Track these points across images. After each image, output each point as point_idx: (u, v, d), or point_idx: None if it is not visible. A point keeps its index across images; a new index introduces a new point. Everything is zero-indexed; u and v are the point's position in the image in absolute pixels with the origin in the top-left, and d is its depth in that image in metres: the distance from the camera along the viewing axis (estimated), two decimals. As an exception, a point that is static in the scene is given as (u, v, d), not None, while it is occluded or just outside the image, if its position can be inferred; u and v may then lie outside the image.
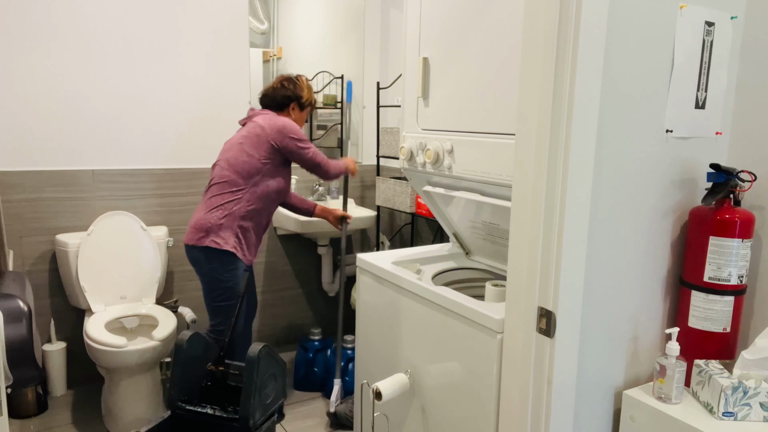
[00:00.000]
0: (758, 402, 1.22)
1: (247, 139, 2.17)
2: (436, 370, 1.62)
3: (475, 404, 1.47)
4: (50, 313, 2.63)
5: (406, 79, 1.87)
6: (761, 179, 1.36)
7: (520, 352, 1.25)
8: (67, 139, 2.55)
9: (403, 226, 3.24)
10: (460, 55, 1.65)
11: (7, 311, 1.33)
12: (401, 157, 1.90)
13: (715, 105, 1.37)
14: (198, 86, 2.79)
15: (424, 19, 1.77)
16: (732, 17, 1.34)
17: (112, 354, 2.18)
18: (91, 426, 2.43)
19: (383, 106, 3.11)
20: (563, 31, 1.10)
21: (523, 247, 1.22)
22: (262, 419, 1.82)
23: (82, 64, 2.53)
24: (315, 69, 3.13)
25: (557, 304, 1.17)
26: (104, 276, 2.51)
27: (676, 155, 1.34)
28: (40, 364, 1.54)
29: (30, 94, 2.45)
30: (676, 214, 1.38)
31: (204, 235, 2.12)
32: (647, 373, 1.41)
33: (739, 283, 1.30)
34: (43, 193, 2.53)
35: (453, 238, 2.09)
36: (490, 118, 1.57)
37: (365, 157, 3.38)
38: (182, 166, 2.81)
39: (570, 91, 1.10)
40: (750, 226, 1.28)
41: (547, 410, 1.22)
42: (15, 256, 2.51)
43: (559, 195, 1.14)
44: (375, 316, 1.91)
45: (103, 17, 2.54)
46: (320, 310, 3.35)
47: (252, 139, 2.16)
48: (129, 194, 2.71)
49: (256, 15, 2.93)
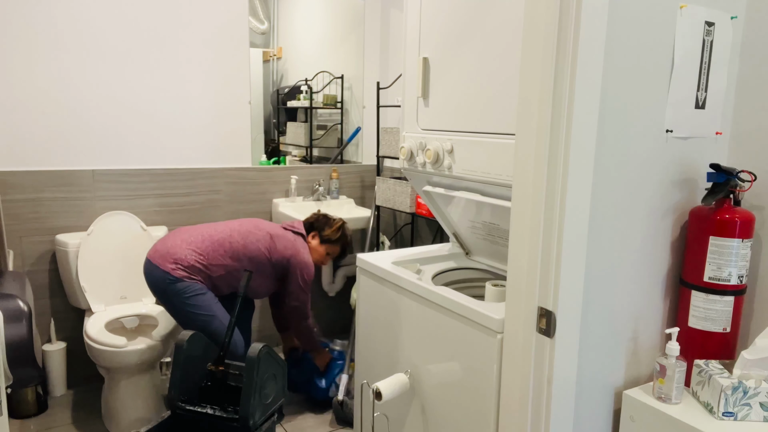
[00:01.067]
0: (758, 402, 1.22)
1: (276, 243, 2.28)
2: (436, 370, 1.62)
3: (475, 404, 1.47)
4: (50, 313, 2.63)
5: (406, 79, 1.87)
6: (761, 179, 1.36)
7: (520, 352, 1.25)
8: (67, 139, 2.55)
9: (403, 226, 3.24)
10: (460, 55, 1.65)
11: (7, 311, 1.33)
12: (401, 157, 1.90)
13: (715, 105, 1.37)
14: (198, 86, 2.79)
15: (424, 19, 1.77)
16: (732, 17, 1.34)
17: (112, 354, 2.18)
18: (91, 426, 2.43)
19: (383, 106, 3.11)
20: (563, 31, 1.10)
21: (523, 247, 1.22)
22: (262, 419, 1.82)
23: (81, 64, 2.53)
24: (315, 69, 3.13)
25: (557, 304, 1.17)
26: (104, 276, 2.51)
27: (676, 155, 1.34)
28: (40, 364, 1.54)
29: (30, 94, 2.45)
30: (676, 214, 1.38)
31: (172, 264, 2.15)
32: (647, 373, 1.41)
33: (739, 283, 1.30)
34: (43, 193, 2.53)
35: (453, 238, 2.09)
36: (490, 118, 1.57)
37: (365, 157, 3.38)
38: (182, 166, 2.81)
39: (570, 91, 1.10)
40: (750, 226, 1.28)
41: (547, 410, 1.22)
42: (15, 256, 2.51)
43: (559, 195, 1.14)
44: (375, 316, 1.91)
45: (103, 18, 2.54)
46: (321, 310, 3.35)
47: (279, 250, 2.28)
48: (129, 194, 2.71)
49: (256, 15, 2.93)
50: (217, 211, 2.92)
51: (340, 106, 3.25)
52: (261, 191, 3.03)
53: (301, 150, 3.19)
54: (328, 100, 3.21)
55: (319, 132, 3.22)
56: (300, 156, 3.19)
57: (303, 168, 3.15)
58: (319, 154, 3.25)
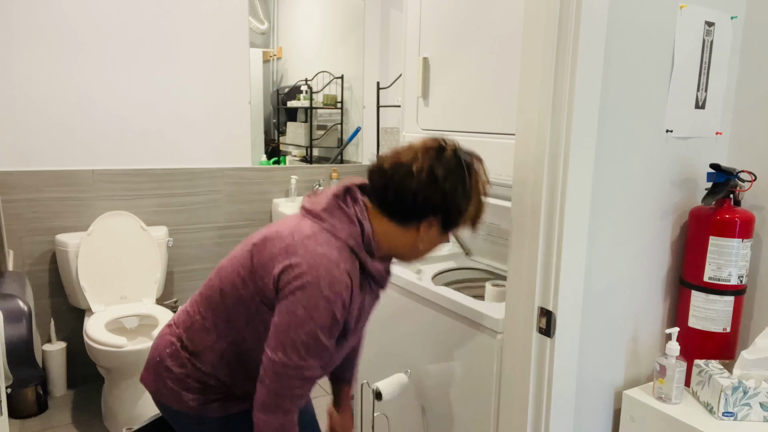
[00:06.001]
0: (758, 402, 1.22)
1: (262, 250, 1.17)
2: (436, 370, 1.62)
3: (475, 404, 1.47)
4: (50, 313, 2.63)
5: (406, 79, 1.87)
6: (761, 179, 1.36)
7: (520, 352, 1.25)
8: (67, 139, 2.55)
9: (403, 226, 3.24)
10: (460, 55, 1.65)
11: (7, 311, 1.33)
12: (401, 157, 1.90)
13: (715, 105, 1.37)
14: (198, 86, 2.79)
15: (424, 19, 1.77)
16: (732, 17, 1.34)
17: (112, 354, 2.18)
18: (91, 426, 2.43)
19: (383, 106, 3.11)
20: (563, 31, 1.10)
21: (523, 247, 1.22)
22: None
23: (82, 65, 2.53)
24: (315, 69, 3.13)
25: (557, 304, 1.17)
26: (104, 276, 2.51)
27: (676, 155, 1.34)
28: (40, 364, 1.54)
29: (30, 94, 2.45)
30: (676, 214, 1.38)
31: None
32: (647, 373, 1.41)
33: (739, 283, 1.30)
34: (43, 193, 2.53)
35: (453, 238, 2.09)
36: (490, 118, 1.57)
37: (365, 157, 3.38)
38: (182, 166, 2.81)
39: (570, 91, 1.10)
40: (750, 226, 1.28)
41: (547, 410, 1.22)
42: (15, 256, 2.51)
43: (559, 195, 1.14)
44: (375, 316, 1.91)
45: (103, 18, 2.54)
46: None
47: (261, 262, 1.15)
48: (129, 194, 2.70)
49: (256, 15, 2.93)
50: (217, 211, 2.92)
51: (340, 106, 3.25)
52: (261, 191, 3.03)
53: (301, 150, 3.19)
54: (328, 100, 3.21)
55: (319, 132, 3.22)
56: (300, 156, 3.19)
57: (303, 168, 3.15)
58: (319, 154, 3.25)
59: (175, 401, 1.21)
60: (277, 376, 1.06)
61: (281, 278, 1.06)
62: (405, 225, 1.11)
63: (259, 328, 1.13)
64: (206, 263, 2.96)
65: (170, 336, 1.24)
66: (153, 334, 2.28)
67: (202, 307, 1.21)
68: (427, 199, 1.07)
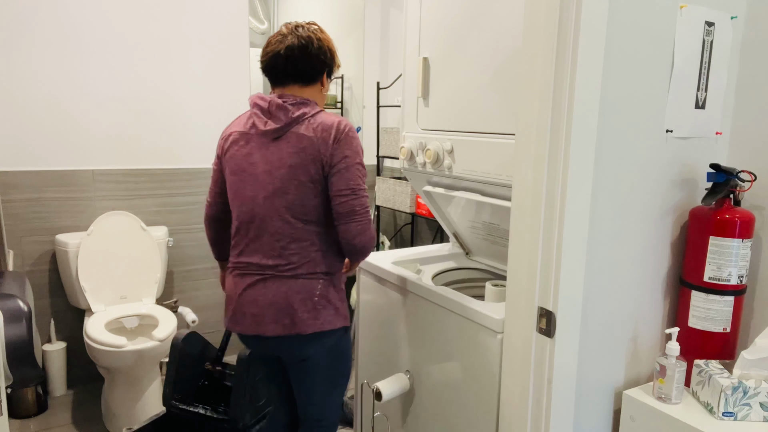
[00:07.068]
0: (758, 402, 1.22)
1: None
2: (436, 370, 1.62)
3: (475, 404, 1.47)
4: (50, 313, 2.63)
5: (406, 79, 1.87)
6: (761, 179, 1.36)
7: (520, 352, 1.25)
8: (67, 139, 2.55)
9: (403, 226, 3.24)
10: (460, 55, 1.65)
11: (7, 311, 1.33)
12: (401, 157, 1.90)
13: (715, 105, 1.37)
14: (198, 86, 2.79)
15: (424, 19, 1.77)
16: (732, 17, 1.34)
17: (112, 354, 2.18)
18: (91, 426, 2.43)
19: (383, 106, 3.11)
20: (563, 30, 1.10)
21: (523, 247, 1.22)
22: (253, 421, 1.81)
23: (82, 64, 2.53)
24: (315, 69, 3.13)
25: (557, 304, 1.17)
26: (104, 276, 2.51)
27: (676, 155, 1.34)
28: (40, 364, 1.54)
29: (30, 94, 2.45)
30: (676, 214, 1.38)
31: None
32: (647, 373, 1.41)
33: (739, 283, 1.30)
34: (43, 193, 2.53)
35: (453, 238, 2.09)
36: (490, 118, 1.57)
37: (365, 157, 3.37)
38: (182, 166, 2.81)
39: (570, 91, 1.10)
40: (750, 226, 1.28)
41: (547, 410, 1.22)
42: (15, 256, 2.51)
43: (559, 195, 1.14)
44: (375, 316, 1.91)
45: (103, 17, 2.54)
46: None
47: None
48: (129, 194, 2.71)
49: (256, 15, 2.93)
50: (217, 211, 2.92)
51: (340, 106, 3.25)
52: (261, 191, 3.03)
53: (301, 150, 3.19)
54: (328, 100, 3.21)
55: (319, 132, 3.22)
56: (300, 156, 3.19)
57: (303, 168, 3.15)
58: (319, 154, 3.25)
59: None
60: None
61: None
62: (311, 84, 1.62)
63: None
64: (206, 263, 2.96)
65: None
66: (153, 334, 2.28)
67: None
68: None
